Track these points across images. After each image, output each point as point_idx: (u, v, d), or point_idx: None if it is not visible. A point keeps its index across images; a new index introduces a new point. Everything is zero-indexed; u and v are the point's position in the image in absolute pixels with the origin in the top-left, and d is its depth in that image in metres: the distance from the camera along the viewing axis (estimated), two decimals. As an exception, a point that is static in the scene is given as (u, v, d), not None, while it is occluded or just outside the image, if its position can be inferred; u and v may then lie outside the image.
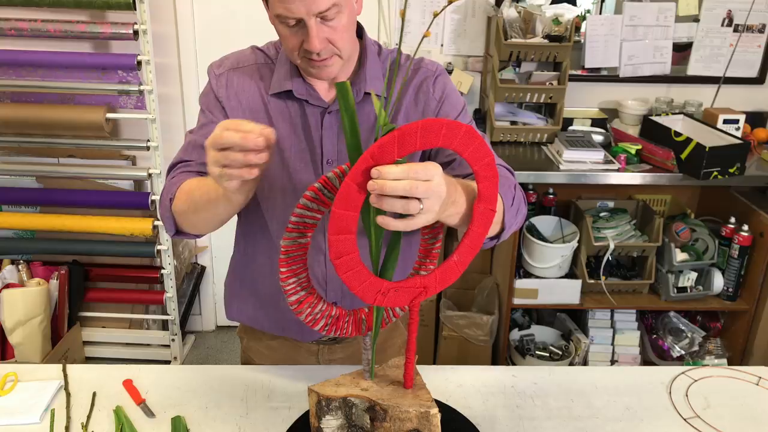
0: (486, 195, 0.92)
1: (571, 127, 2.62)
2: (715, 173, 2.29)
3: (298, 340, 1.36)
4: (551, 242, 2.54)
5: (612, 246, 2.45)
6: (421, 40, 0.96)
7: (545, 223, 2.60)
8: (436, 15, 0.88)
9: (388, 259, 0.94)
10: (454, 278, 0.98)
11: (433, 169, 0.82)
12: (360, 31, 1.21)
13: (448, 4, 0.95)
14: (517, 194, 1.13)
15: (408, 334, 1.01)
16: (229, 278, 1.41)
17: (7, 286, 2.55)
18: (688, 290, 2.53)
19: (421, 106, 1.22)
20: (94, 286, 2.84)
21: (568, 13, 2.48)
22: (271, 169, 1.19)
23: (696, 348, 2.60)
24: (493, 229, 1.05)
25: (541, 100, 2.52)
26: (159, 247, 2.67)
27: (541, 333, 2.71)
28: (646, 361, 2.68)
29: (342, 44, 1.08)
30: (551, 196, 2.64)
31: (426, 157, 1.23)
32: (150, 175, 2.60)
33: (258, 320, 1.37)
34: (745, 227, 2.43)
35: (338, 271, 0.86)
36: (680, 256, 2.50)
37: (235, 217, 1.31)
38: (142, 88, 2.48)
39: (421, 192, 0.80)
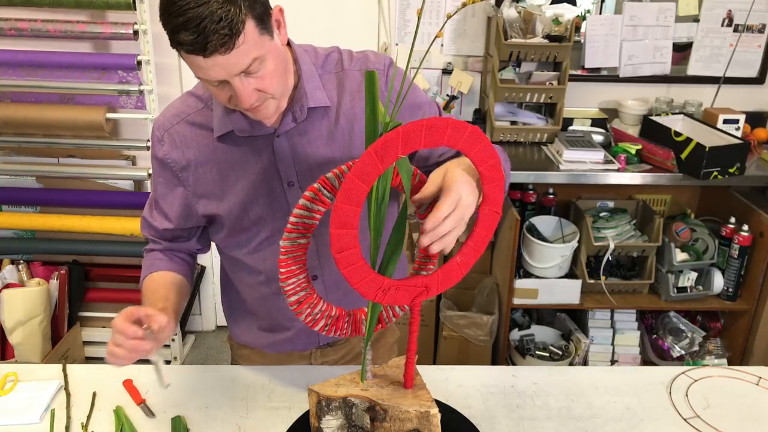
0: (491, 197, 0.92)
1: (571, 127, 2.62)
2: (715, 173, 2.29)
3: (291, 350, 1.37)
4: (551, 242, 2.54)
5: (612, 246, 2.45)
6: (433, 40, 0.96)
7: (545, 223, 2.60)
8: (449, 17, 0.88)
9: (389, 256, 0.94)
10: (457, 280, 0.98)
11: (460, 187, 0.90)
12: (287, 42, 1.14)
13: (462, 7, 0.95)
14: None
15: (409, 334, 1.01)
16: (222, 301, 1.43)
17: (7, 286, 2.55)
18: (688, 290, 2.53)
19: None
20: (94, 286, 2.84)
21: (568, 13, 2.48)
22: (234, 211, 1.18)
23: (696, 348, 2.60)
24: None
25: (541, 100, 2.52)
26: (159, 247, 2.67)
27: (541, 333, 2.71)
28: (646, 361, 2.68)
29: (273, 89, 1.03)
30: (551, 196, 2.64)
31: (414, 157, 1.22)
32: (150, 175, 2.59)
33: (252, 340, 1.39)
34: (745, 227, 2.43)
35: (339, 265, 0.86)
36: (680, 256, 2.49)
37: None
38: (142, 88, 2.48)
39: (463, 220, 0.92)
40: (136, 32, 2.42)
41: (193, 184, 1.19)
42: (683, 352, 2.60)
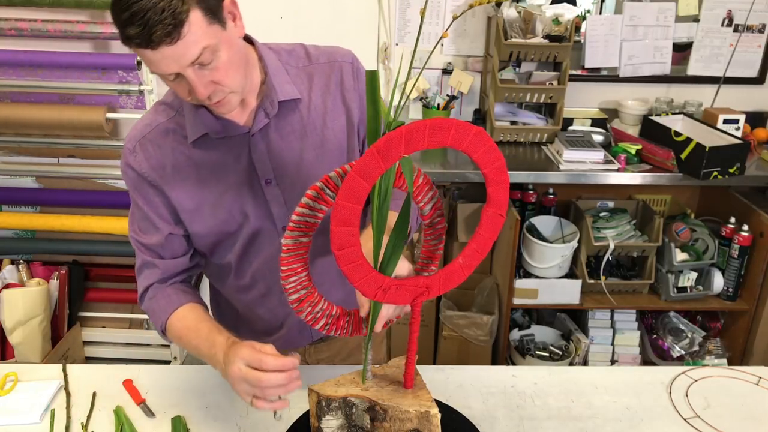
0: (495, 199, 0.92)
1: (571, 127, 2.62)
2: (715, 173, 2.29)
3: (284, 348, 1.37)
4: (551, 242, 2.54)
5: (612, 246, 2.45)
6: (438, 41, 0.96)
7: (545, 223, 2.60)
8: (455, 18, 0.88)
9: (389, 255, 0.94)
10: (459, 281, 0.98)
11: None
12: (250, 41, 1.15)
13: (469, 8, 0.95)
14: None
15: (409, 334, 1.01)
16: (210, 302, 1.43)
17: (7, 286, 2.55)
18: (688, 290, 2.53)
19: (344, 99, 1.18)
20: (94, 286, 2.84)
21: (568, 13, 2.48)
22: (217, 215, 1.17)
23: (696, 348, 2.60)
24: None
25: (541, 100, 2.52)
26: (159, 247, 2.67)
27: (541, 333, 2.71)
28: (646, 361, 2.68)
29: (229, 82, 1.02)
30: (551, 196, 2.64)
31: (362, 139, 1.21)
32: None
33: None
34: (745, 227, 2.43)
35: (339, 263, 0.86)
36: (680, 256, 2.49)
37: None
38: (142, 88, 2.48)
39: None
40: (136, 32, 2.42)
41: (171, 191, 1.17)
42: (683, 352, 2.60)
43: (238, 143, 1.14)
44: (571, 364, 2.57)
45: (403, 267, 0.97)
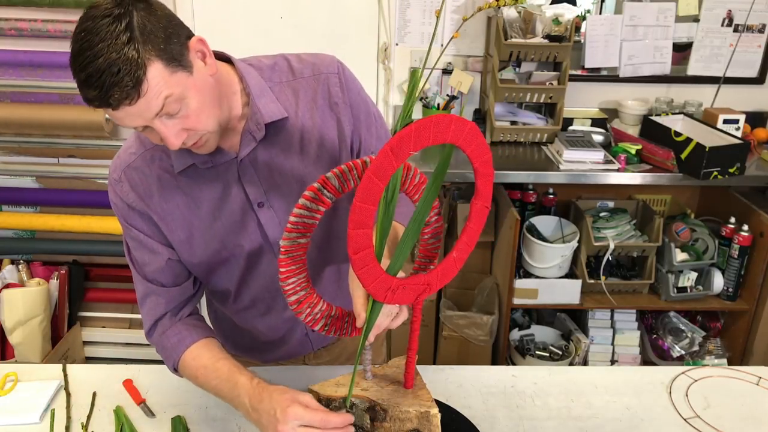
0: (483, 192, 0.93)
1: (571, 127, 2.62)
2: (715, 173, 2.29)
3: (285, 360, 1.38)
4: (551, 242, 2.54)
5: (612, 246, 2.45)
6: (450, 40, 0.96)
7: (545, 223, 2.60)
8: (465, 20, 0.88)
9: (397, 257, 0.94)
10: (453, 274, 0.98)
11: None
12: (228, 60, 1.10)
13: (487, 7, 0.95)
14: None
15: (410, 333, 1.01)
16: (209, 314, 1.42)
17: (7, 286, 2.55)
18: (688, 290, 2.52)
19: (333, 113, 1.14)
20: (94, 286, 2.84)
21: (568, 13, 2.48)
22: (210, 243, 1.14)
23: (696, 348, 2.60)
24: None
25: (541, 100, 2.52)
26: (159, 247, 2.67)
27: (541, 333, 2.71)
28: (646, 361, 2.68)
29: (202, 126, 0.97)
30: (551, 196, 2.64)
31: (356, 150, 1.18)
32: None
33: (250, 357, 1.38)
34: (745, 227, 2.43)
35: (354, 266, 0.86)
36: (680, 256, 2.49)
37: None
38: (142, 88, 2.48)
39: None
40: (136, 32, 2.42)
41: (161, 220, 1.13)
42: (683, 352, 2.60)
43: (225, 170, 1.10)
44: (571, 364, 2.57)
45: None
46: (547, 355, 2.62)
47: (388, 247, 0.95)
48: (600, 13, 2.75)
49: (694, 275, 2.53)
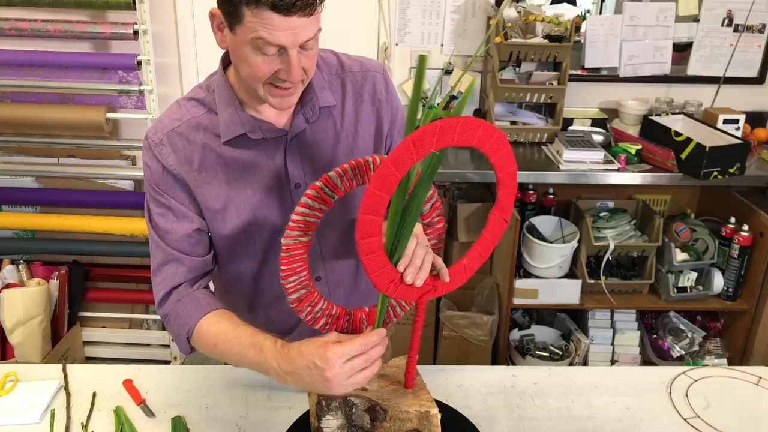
0: (504, 204, 0.93)
1: (571, 127, 2.62)
2: (715, 173, 2.29)
3: None
4: (551, 242, 2.54)
5: (612, 246, 2.45)
6: (487, 45, 0.97)
7: (545, 223, 2.60)
8: (492, 22, 0.88)
9: (395, 247, 0.94)
10: (462, 281, 0.98)
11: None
12: None
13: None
14: None
15: (412, 332, 1.01)
16: None
17: (7, 286, 2.55)
18: (688, 290, 2.53)
19: (376, 109, 1.19)
20: (94, 286, 2.83)
21: (568, 13, 2.48)
22: (242, 215, 1.15)
23: (696, 348, 2.60)
24: None
25: (541, 100, 2.52)
26: (159, 247, 2.67)
27: (541, 333, 2.71)
28: (646, 361, 2.68)
29: (311, 71, 1.06)
30: (551, 196, 2.64)
31: (387, 149, 1.23)
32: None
33: None
34: (745, 227, 2.43)
35: (360, 252, 0.87)
36: (680, 256, 2.49)
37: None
38: (142, 88, 2.48)
39: (427, 245, 0.97)
40: (136, 32, 2.42)
41: (197, 188, 1.14)
42: (683, 352, 2.60)
43: (273, 145, 1.13)
44: (571, 364, 2.57)
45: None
46: (547, 355, 2.62)
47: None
48: (600, 13, 2.75)
49: (694, 275, 2.53)
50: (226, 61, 1.13)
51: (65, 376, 1.29)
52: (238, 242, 1.19)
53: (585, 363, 2.62)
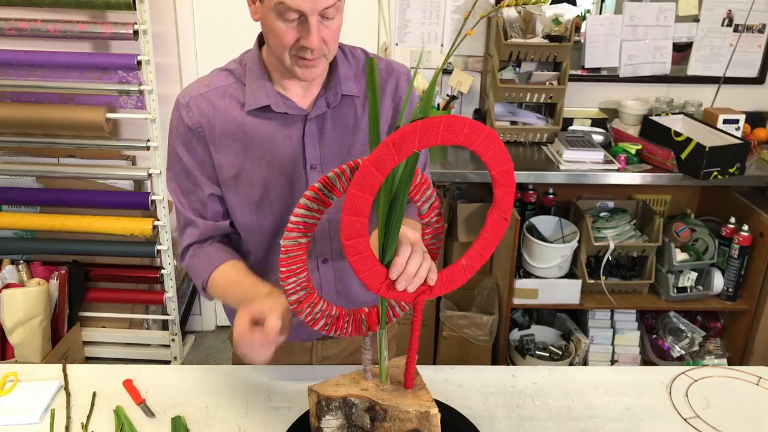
0: (501, 203, 0.92)
1: (571, 127, 2.62)
2: (715, 173, 2.29)
3: (291, 340, 1.36)
4: (551, 242, 2.54)
5: (612, 246, 2.45)
6: (462, 38, 0.97)
7: (545, 223, 2.60)
8: (483, 17, 0.89)
9: (385, 248, 0.94)
10: (461, 283, 0.98)
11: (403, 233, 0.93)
12: None
13: (514, 4, 0.95)
14: None
15: (411, 333, 1.01)
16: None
17: (7, 286, 2.55)
18: (688, 290, 2.53)
19: (395, 105, 1.24)
20: (94, 286, 2.84)
21: (568, 13, 2.48)
22: (255, 187, 1.19)
23: (696, 348, 2.60)
24: None
25: (541, 100, 2.52)
26: (159, 247, 2.67)
27: (541, 333, 2.71)
28: (646, 361, 2.68)
29: (332, 45, 1.10)
30: (551, 196, 2.64)
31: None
32: (150, 175, 2.59)
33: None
34: (745, 227, 2.43)
35: (347, 253, 0.86)
36: (680, 256, 2.49)
37: None
38: (142, 88, 2.48)
39: (424, 252, 0.95)
40: (136, 32, 2.42)
41: (215, 152, 1.19)
42: (683, 352, 2.60)
43: (293, 123, 1.18)
44: (571, 364, 2.57)
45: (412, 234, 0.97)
46: (547, 355, 2.62)
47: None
48: (600, 13, 2.75)
49: (694, 275, 2.53)
50: (261, 40, 1.20)
51: (65, 376, 1.29)
52: (248, 214, 1.22)
53: (585, 363, 2.62)
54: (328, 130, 1.19)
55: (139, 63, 2.44)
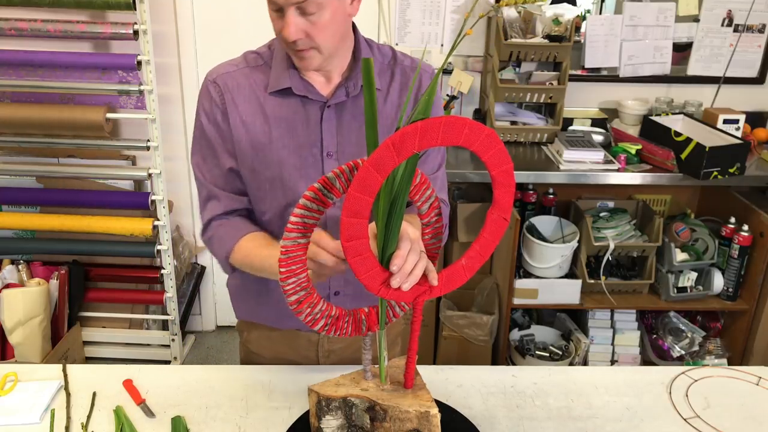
0: (501, 203, 0.92)
1: (571, 127, 2.62)
2: (715, 173, 2.29)
3: (299, 329, 1.36)
4: (551, 242, 2.54)
5: (612, 246, 2.45)
6: (462, 37, 0.98)
7: (545, 223, 2.60)
8: (482, 16, 0.89)
9: (385, 249, 0.94)
10: (460, 283, 0.97)
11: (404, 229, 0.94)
12: (353, 28, 1.23)
13: (514, 3, 0.95)
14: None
15: (411, 333, 1.01)
16: (230, 279, 1.42)
17: (7, 286, 2.55)
18: (688, 290, 2.53)
19: (416, 102, 1.26)
20: (94, 286, 2.84)
21: (568, 13, 2.48)
22: (270, 167, 1.22)
23: (696, 348, 2.60)
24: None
25: (541, 100, 2.52)
26: (159, 247, 2.67)
27: (541, 333, 2.71)
28: (646, 361, 2.68)
29: (321, 40, 1.10)
30: (551, 196, 2.64)
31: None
32: (150, 175, 2.59)
33: (260, 315, 1.39)
34: (745, 227, 2.43)
35: (347, 254, 0.86)
36: (680, 256, 2.49)
37: None
38: (142, 88, 2.48)
39: (422, 251, 0.96)
40: (136, 32, 2.42)
41: (235, 128, 1.22)
42: (683, 352, 2.60)
43: (312, 108, 1.20)
44: (571, 364, 2.57)
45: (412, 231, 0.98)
46: (547, 355, 2.62)
47: None
48: (600, 13, 2.75)
49: (694, 275, 2.53)
50: None
51: (65, 376, 1.29)
52: (262, 192, 1.25)
53: (585, 363, 2.62)
54: (346, 119, 1.21)
55: (139, 63, 2.44)
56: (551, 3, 2.55)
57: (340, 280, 1.28)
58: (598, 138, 2.53)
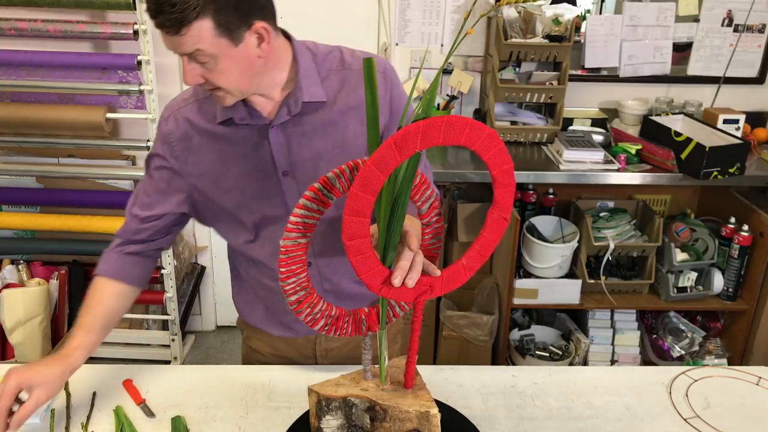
0: (501, 202, 0.92)
1: (571, 127, 2.62)
2: (715, 173, 2.29)
3: (294, 337, 1.37)
4: (551, 242, 2.54)
5: (612, 246, 2.45)
6: (462, 37, 0.97)
7: (545, 223, 2.60)
8: (483, 15, 0.89)
9: (387, 248, 0.94)
10: (461, 282, 0.97)
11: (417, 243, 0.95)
12: (288, 37, 1.19)
13: (513, 1, 0.95)
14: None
15: (411, 333, 1.01)
16: (232, 284, 1.45)
17: (7, 286, 2.55)
18: (688, 290, 2.53)
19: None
20: (94, 286, 2.83)
21: (568, 13, 2.48)
22: (231, 195, 1.23)
23: (696, 348, 2.60)
24: None
25: (541, 100, 2.52)
26: (159, 247, 2.67)
27: (541, 333, 2.71)
28: (646, 361, 2.68)
29: (223, 84, 1.08)
30: (551, 196, 2.64)
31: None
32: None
33: (257, 320, 1.40)
34: (745, 227, 2.43)
35: (349, 253, 0.86)
36: (680, 256, 2.49)
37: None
38: (142, 88, 2.48)
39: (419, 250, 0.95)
40: (136, 32, 2.42)
41: (192, 164, 1.23)
42: (683, 352, 2.60)
43: (258, 132, 1.19)
44: (571, 364, 2.57)
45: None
46: (547, 355, 2.62)
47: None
48: (600, 13, 2.75)
49: (694, 275, 2.53)
50: None
51: (65, 376, 1.29)
52: (228, 224, 1.28)
53: (585, 363, 2.62)
54: (294, 136, 1.19)
55: (139, 63, 2.44)
56: (551, 3, 2.55)
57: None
58: (598, 138, 2.53)
